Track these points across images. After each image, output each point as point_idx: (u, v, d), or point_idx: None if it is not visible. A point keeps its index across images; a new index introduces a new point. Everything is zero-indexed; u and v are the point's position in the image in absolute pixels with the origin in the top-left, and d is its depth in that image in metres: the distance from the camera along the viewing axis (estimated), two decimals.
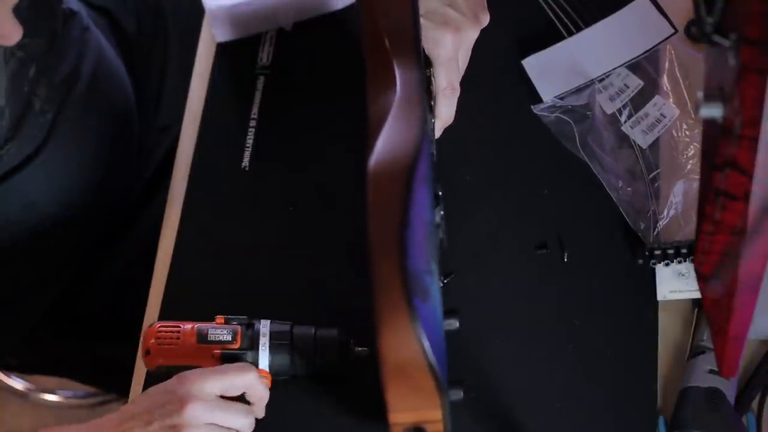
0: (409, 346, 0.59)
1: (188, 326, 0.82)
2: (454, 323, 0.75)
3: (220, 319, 0.82)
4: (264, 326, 0.81)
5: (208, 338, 0.81)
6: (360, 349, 0.82)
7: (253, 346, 0.81)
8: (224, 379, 0.76)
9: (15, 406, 1.65)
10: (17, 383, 1.60)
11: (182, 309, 0.90)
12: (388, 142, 0.65)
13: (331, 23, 1.02)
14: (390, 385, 0.63)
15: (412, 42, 0.72)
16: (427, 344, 0.59)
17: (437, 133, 0.87)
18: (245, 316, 0.82)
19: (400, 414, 0.66)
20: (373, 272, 0.59)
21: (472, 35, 0.83)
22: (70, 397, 1.62)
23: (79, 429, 0.77)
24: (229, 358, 0.80)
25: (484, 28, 0.85)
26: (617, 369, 0.84)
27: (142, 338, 0.83)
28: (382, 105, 0.69)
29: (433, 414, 0.66)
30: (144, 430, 0.74)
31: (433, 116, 0.83)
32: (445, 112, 0.85)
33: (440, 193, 0.74)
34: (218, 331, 0.81)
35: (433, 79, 0.82)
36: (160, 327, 0.82)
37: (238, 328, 0.81)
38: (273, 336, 0.81)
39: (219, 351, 0.80)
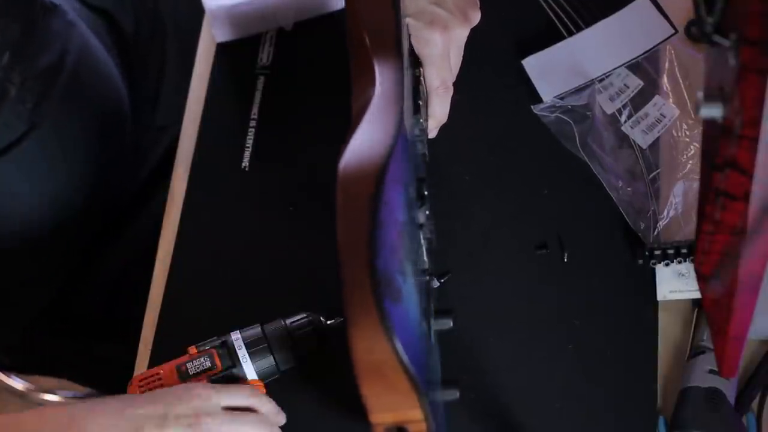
0: (381, 347, 0.59)
1: (166, 369, 0.81)
2: (448, 322, 0.75)
3: (192, 349, 0.82)
4: (236, 338, 0.81)
5: (190, 372, 0.80)
6: (332, 321, 0.82)
7: (234, 362, 0.80)
8: (228, 395, 0.77)
9: (15, 406, 1.65)
10: (17, 383, 1.60)
11: (182, 309, 0.90)
12: (360, 142, 0.65)
13: (331, 23, 1.02)
14: (365, 385, 0.63)
15: (392, 42, 0.72)
16: (399, 345, 0.59)
17: (432, 133, 0.87)
18: (214, 336, 0.82)
19: (379, 414, 0.66)
20: (342, 273, 0.59)
21: (461, 33, 0.83)
22: (69, 397, 1.62)
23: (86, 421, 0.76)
24: (218, 382, 0.80)
25: (484, 28, 0.85)
26: (617, 369, 0.84)
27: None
28: (361, 104, 0.69)
29: (414, 414, 0.66)
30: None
31: (426, 116, 0.83)
32: (438, 112, 0.84)
33: (426, 192, 0.73)
34: (196, 362, 0.80)
35: (423, 79, 0.81)
36: (140, 380, 0.81)
37: (213, 351, 0.81)
38: (249, 345, 0.81)
39: (205, 380, 0.80)
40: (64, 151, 0.98)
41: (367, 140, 0.65)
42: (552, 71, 0.96)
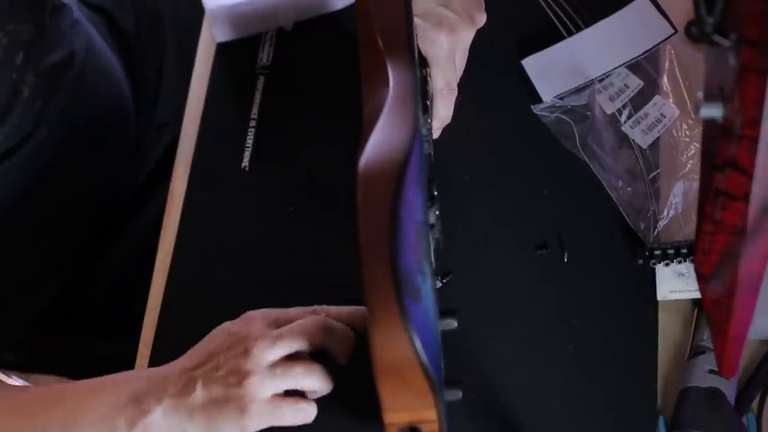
0: (401, 346, 0.59)
1: None
2: (452, 323, 0.75)
3: None
4: None
5: None
6: None
7: None
8: (287, 315, 0.77)
9: None
10: (16, 383, 1.60)
11: (182, 309, 0.90)
12: (378, 142, 0.65)
13: (331, 23, 1.02)
14: (383, 384, 0.63)
15: (405, 42, 0.72)
16: (419, 344, 0.59)
17: (436, 134, 0.87)
18: None
19: (394, 414, 0.66)
20: (364, 273, 0.59)
21: (467, 35, 0.83)
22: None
23: (140, 377, 0.76)
24: None
25: (483, 27, 0.85)
26: (617, 369, 0.84)
27: None
28: (375, 105, 0.69)
29: (428, 414, 0.66)
30: (211, 376, 0.74)
31: (431, 116, 0.84)
32: (443, 112, 0.85)
33: (436, 193, 0.73)
34: None
35: (429, 79, 0.82)
36: None
37: None
38: None
39: None
40: (70, 149, 0.99)
41: (385, 140, 0.65)
42: (552, 71, 0.96)
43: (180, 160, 0.98)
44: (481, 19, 0.84)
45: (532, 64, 0.97)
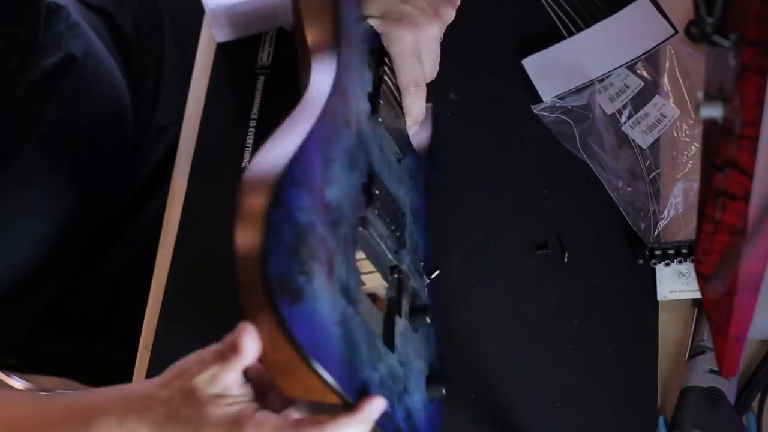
0: (282, 348, 0.59)
1: None
2: (424, 320, 0.75)
3: None
4: None
5: None
6: None
7: None
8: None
9: None
10: (17, 383, 1.60)
11: (182, 310, 0.90)
12: (266, 149, 0.66)
13: None
14: (280, 381, 0.62)
15: (330, 43, 0.72)
16: (301, 344, 0.59)
17: (410, 131, 0.86)
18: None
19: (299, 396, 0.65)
20: (238, 279, 0.60)
21: (431, 31, 0.81)
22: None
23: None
24: None
25: (484, 27, 0.84)
26: (617, 369, 0.84)
27: None
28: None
29: (332, 399, 0.65)
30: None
31: (403, 114, 0.83)
32: (413, 110, 0.83)
33: (377, 192, 0.73)
34: None
35: (387, 78, 0.81)
36: None
37: None
38: None
39: None
40: (69, 152, 0.99)
41: (273, 146, 0.67)
42: (552, 71, 0.96)
43: (180, 160, 0.98)
44: (448, 14, 0.82)
45: (532, 64, 0.97)
